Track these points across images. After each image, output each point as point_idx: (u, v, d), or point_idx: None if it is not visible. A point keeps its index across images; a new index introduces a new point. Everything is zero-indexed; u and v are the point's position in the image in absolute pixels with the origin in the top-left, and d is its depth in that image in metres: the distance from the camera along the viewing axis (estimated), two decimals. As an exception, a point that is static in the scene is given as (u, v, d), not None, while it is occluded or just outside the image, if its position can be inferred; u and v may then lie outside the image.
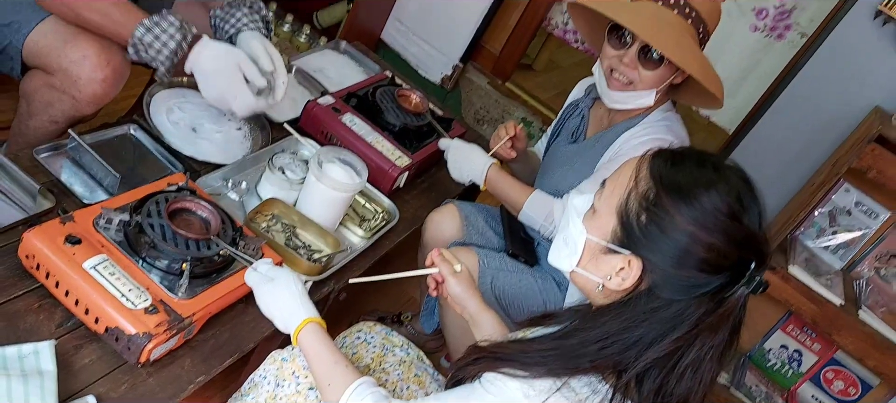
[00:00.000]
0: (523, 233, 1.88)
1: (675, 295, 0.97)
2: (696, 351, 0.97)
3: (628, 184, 1.03)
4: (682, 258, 0.97)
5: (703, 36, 1.60)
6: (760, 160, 2.65)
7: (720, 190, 0.97)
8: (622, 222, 1.02)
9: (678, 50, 1.52)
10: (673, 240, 0.97)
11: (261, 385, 1.26)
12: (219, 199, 1.51)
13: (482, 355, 1.07)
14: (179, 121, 1.69)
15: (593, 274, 1.06)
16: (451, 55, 3.20)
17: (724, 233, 0.96)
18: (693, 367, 0.97)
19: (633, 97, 1.64)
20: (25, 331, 1.14)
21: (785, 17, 3.02)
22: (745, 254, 0.98)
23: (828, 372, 2.53)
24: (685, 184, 0.98)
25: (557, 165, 1.82)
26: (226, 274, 1.31)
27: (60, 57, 1.49)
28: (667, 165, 1.01)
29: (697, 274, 0.97)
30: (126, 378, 1.15)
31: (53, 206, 1.33)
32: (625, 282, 1.01)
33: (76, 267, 1.15)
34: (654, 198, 0.99)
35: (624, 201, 1.02)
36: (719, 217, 0.96)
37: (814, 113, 2.53)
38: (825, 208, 2.46)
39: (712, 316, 0.97)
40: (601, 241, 1.04)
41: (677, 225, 0.97)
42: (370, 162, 1.76)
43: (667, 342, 0.96)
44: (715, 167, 1.00)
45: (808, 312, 2.28)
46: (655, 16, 1.55)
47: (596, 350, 0.98)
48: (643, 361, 0.96)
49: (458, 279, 1.35)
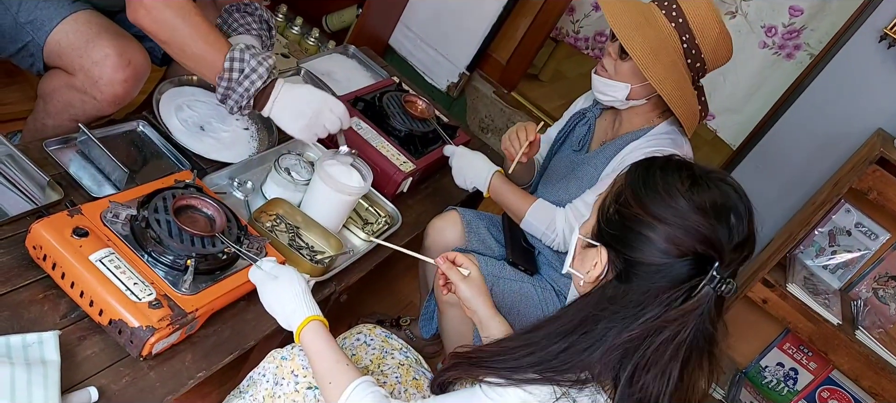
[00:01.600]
0: (524, 242, 1.89)
1: (639, 282, 1.02)
2: (660, 342, 0.98)
3: (611, 187, 1.11)
4: (638, 241, 1.02)
5: (690, 48, 1.61)
6: (762, 178, 2.66)
7: (682, 177, 1.03)
8: (599, 218, 1.10)
9: (640, 48, 1.56)
10: (629, 226, 1.04)
11: (260, 383, 1.28)
12: (225, 198, 1.53)
13: (459, 360, 1.12)
14: (188, 119, 1.71)
15: (579, 271, 1.12)
16: (458, 62, 3.22)
17: (676, 214, 1.00)
18: (656, 359, 0.98)
19: (609, 86, 1.70)
20: (30, 321, 1.15)
21: (794, 36, 3.03)
22: (704, 248, 1.00)
23: (823, 392, 2.54)
24: (649, 177, 1.05)
25: (562, 174, 1.84)
26: (229, 272, 1.32)
27: (82, 57, 1.51)
28: (640, 166, 1.09)
29: (654, 257, 1.01)
30: (127, 370, 1.17)
31: (61, 198, 1.35)
32: (597, 269, 1.07)
33: (82, 260, 1.17)
34: (621, 191, 1.07)
35: (603, 199, 1.11)
36: (670, 199, 1.01)
37: (817, 132, 2.55)
38: (825, 227, 2.47)
39: (674, 310, 0.99)
40: (583, 238, 1.12)
41: (633, 210, 1.03)
42: (375, 166, 1.78)
43: (632, 328, 0.98)
44: (687, 167, 1.06)
45: (806, 330, 2.29)
46: (637, 12, 1.61)
47: (563, 348, 1.01)
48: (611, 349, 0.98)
49: (468, 283, 1.38)
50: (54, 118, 1.57)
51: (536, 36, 3.23)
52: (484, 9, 3.09)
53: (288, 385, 1.25)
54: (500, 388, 1.00)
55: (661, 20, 1.61)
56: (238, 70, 1.44)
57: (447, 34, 3.18)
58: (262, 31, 1.73)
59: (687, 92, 1.62)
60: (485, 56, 3.27)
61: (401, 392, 1.37)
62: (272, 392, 1.26)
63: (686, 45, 1.61)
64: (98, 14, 1.58)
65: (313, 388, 1.24)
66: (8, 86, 2.18)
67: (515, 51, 3.28)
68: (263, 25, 1.75)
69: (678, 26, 1.60)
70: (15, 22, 1.52)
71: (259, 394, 1.26)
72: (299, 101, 1.51)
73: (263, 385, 1.27)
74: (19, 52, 1.56)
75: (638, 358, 0.98)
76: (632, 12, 1.61)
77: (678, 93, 1.59)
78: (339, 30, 3.20)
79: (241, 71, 1.44)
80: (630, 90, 1.67)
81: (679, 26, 1.60)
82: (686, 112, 1.61)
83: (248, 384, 1.30)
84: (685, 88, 1.62)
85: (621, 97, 1.69)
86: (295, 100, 1.50)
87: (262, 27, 1.74)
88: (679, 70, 1.61)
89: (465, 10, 3.11)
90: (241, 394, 1.30)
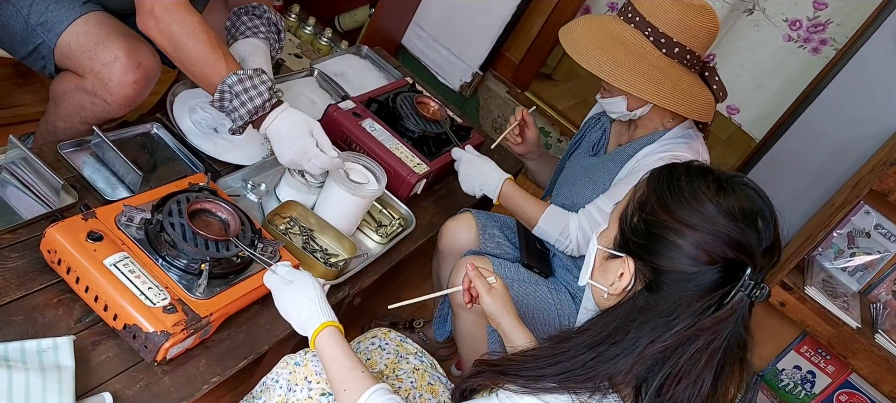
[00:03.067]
0: (539, 244, 1.88)
1: (669, 291, 0.99)
2: (692, 355, 0.96)
3: (632, 195, 1.09)
4: (666, 249, 1.00)
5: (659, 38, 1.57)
6: (781, 177, 2.63)
7: (708, 182, 1.02)
8: (621, 228, 1.08)
9: (602, 64, 1.56)
10: (657, 233, 1.01)
11: (273, 389, 1.27)
12: (238, 200, 1.52)
13: (483, 368, 1.10)
14: (201, 121, 1.70)
15: (601, 283, 1.10)
16: (471, 62, 3.20)
17: (711, 233, 0.98)
18: (689, 368, 0.96)
19: (610, 103, 1.69)
20: (45, 325, 1.15)
21: (820, 30, 2.99)
22: (739, 254, 0.98)
23: (841, 395, 2.51)
24: (674, 185, 1.03)
25: (576, 178, 1.82)
26: (243, 276, 1.32)
27: (92, 59, 1.50)
28: (664, 173, 1.07)
29: (683, 264, 0.99)
30: (142, 375, 1.16)
31: (76, 202, 1.34)
32: (622, 282, 1.05)
33: (97, 264, 1.16)
34: (645, 198, 1.05)
35: (624, 209, 1.09)
36: (698, 205, 1.00)
37: (836, 133, 2.52)
38: (844, 229, 2.44)
39: (707, 317, 0.97)
40: (605, 249, 1.10)
41: (660, 217, 1.01)
42: (389, 168, 1.77)
43: (659, 342, 0.96)
44: (713, 173, 1.04)
45: (824, 333, 2.26)
46: (596, 29, 1.60)
47: (591, 358, 0.99)
48: (641, 365, 0.96)
49: (493, 296, 1.37)
50: (65, 120, 1.57)
51: (550, 35, 3.21)
52: (497, 8, 3.07)
53: (301, 391, 1.24)
54: (518, 397, 0.99)
55: (618, 27, 1.60)
56: (228, 99, 1.47)
57: (460, 34, 3.17)
58: (270, 33, 1.72)
59: (681, 85, 1.57)
60: (498, 55, 3.25)
61: (416, 397, 1.36)
62: (285, 399, 1.25)
63: (652, 39, 1.57)
64: (109, 16, 1.57)
65: (327, 395, 1.24)
66: (22, 88, 2.19)
67: (529, 50, 3.26)
68: (271, 28, 1.73)
69: (636, 24, 1.58)
70: (26, 24, 1.52)
71: (272, 400, 1.26)
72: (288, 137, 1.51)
73: (276, 391, 1.26)
74: (31, 54, 1.56)
75: (669, 368, 0.96)
76: (589, 32, 1.61)
77: (667, 91, 1.55)
78: (351, 30, 3.19)
79: (230, 100, 1.47)
80: (627, 102, 1.65)
81: (637, 23, 1.58)
82: (690, 106, 1.57)
83: (261, 390, 1.30)
84: (676, 83, 1.57)
85: (623, 110, 1.67)
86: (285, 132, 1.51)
87: (270, 30, 1.73)
88: (661, 68, 1.57)
89: (478, 9, 3.09)
90: (254, 400, 1.29)
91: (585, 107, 2.00)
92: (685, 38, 1.57)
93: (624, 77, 1.55)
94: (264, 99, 1.48)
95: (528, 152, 2.00)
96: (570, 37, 1.62)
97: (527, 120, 1.94)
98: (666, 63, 1.58)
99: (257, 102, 1.47)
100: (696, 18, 1.56)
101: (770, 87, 3.48)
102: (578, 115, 3.32)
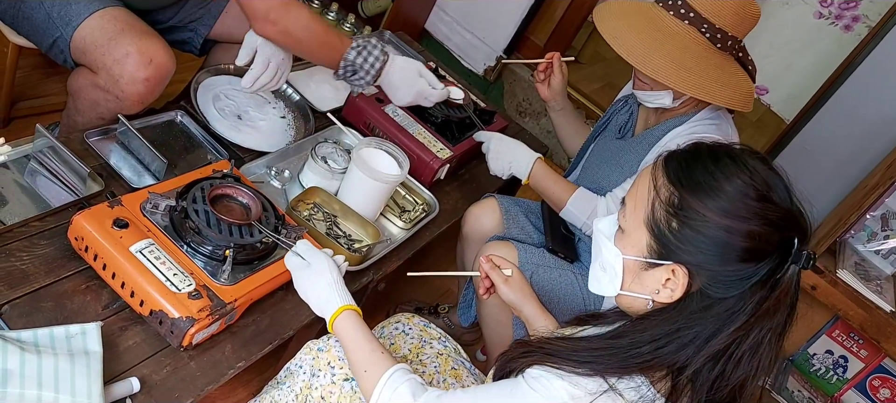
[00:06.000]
0: (564, 229, 1.86)
1: (728, 292, 0.96)
2: (754, 337, 0.96)
3: (649, 195, 1.01)
4: (725, 253, 0.95)
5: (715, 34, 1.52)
6: (812, 159, 2.59)
7: (742, 175, 0.95)
8: (654, 233, 1.00)
9: (664, 69, 1.49)
10: (710, 238, 0.95)
11: (296, 375, 1.28)
12: (262, 187, 1.53)
13: (531, 349, 1.06)
14: (225, 108, 1.71)
15: (639, 292, 1.03)
16: (495, 46, 3.18)
17: (759, 217, 0.94)
18: (751, 352, 0.96)
19: (653, 96, 1.64)
20: (73, 311, 1.17)
21: (852, 6, 2.91)
22: (786, 234, 0.96)
23: (874, 380, 2.46)
24: (704, 178, 0.96)
25: (603, 161, 1.80)
26: (267, 262, 1.32)
27: (104, 54, 1.50)
28: (682, 166, 0.99)
29: (744, 265, 0.95)
30: (168, 361, 1.17)
31: (102, 190, 1.36)
32: (675, 293, 0.99)
33: (123, 251, 1.18)
34: (679, 201, 0.97)
35: (649, 212, 1.00)
36: (749, 202, 0.94)
37: (869, 112, 2.46)
38: (877, 211, 2.38)
39: (768, 302, 0.95)
40: (639, 258, 1.02)
41: (710, 221, 0.95)
42: (412, 153, 1.76)
43: (723, 335, 0.95)
44: (730, 155, 0.98)
45: (856, 317, 2.22)
46: (645, 26, 1.54)
47: (650, 351, 0.97)
48: (702, 356, 0.95)
49: (511, 286, 1.35)
50: (83, 115, 1.58)
51: (575, 17, 3.17)
52: (521, -9, 3.04)
53: (324, 376, 1.24)
54: (546, 380, 0.98)
55: (672, 23, 1.53)
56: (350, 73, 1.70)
57: (484, 17, 3.14)
58: None
59: (727, 75, 1.53)
60: (523, 38, 3.22)
61: (440, 381, 1.36)
62: (309, 384, 1.25)
63: (708, 35, 1.52)
64: (126, 12, 1.56)
65: (350, 380, 1.24)
66: (50, 77, 2.22)
67: (553, 33, 3.22)
68: None
69: (692, 21, 1.52)
70: (48, 16, 1.53)
71: (296, 386, 1.26)
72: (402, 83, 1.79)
73: (300, 376, 1.27)
74: (51, 47, 1.57)
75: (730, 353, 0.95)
76: (640, 31, 1.54)
77: (716, 86, 1.51)
78: (374, 15, 3.19)
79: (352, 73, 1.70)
80: (673, 94, 1.61)
81: (693, 20, 1.52)
82: (733, 98, 1.52)
83: (286, 375, 1.30)
84: (724, 75, 1.53)
85: (668, 103, 1.63)
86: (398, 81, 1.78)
87: None
88: (712, 62, 1.52)
89: (501, -8, 3.07)
90: (278, 385, 1.30)
91: (612, 89, 1.97)
92: (738, 30, 1.54)
93: (696, 84, 1.49)
94: (380, 62, 1.71)
95: (551, 99, 1.97)
96: (623, 40, 1.54)
97: (555, 64, 1.92)
98: (723, 59, 1.54)
99: (377, 66, 1.70)
100: (747, 8, 1.53)
101: (800, 67, 3.41)
102: (605, 98, 3.28)
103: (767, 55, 3.51)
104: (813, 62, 3.31)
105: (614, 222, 1.07)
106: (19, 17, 1.59)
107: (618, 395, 0.94)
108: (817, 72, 3.00)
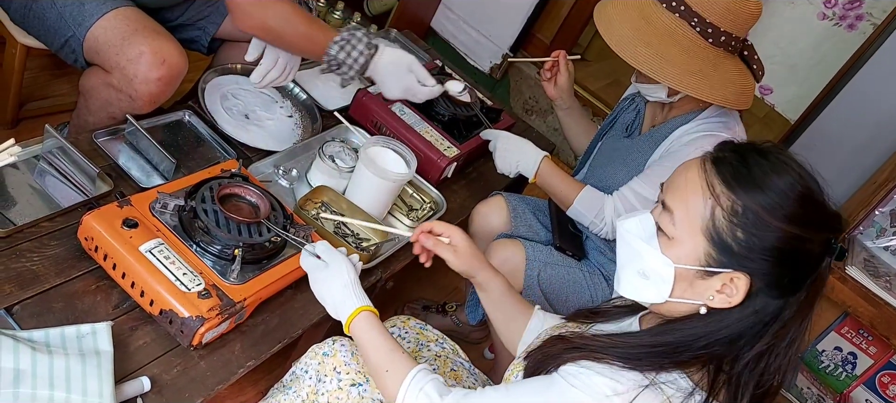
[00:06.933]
0: (571, 227, 1.86)
1: (783, 295, 0.97)
2: (791, 334, 0.97)
3: (706, 202, 0.97)
4: (787, 259, 0.96)
5: (705, 28, 1.51)
6: (820, 155, 2.56)
7: (799, 182, 0.96)
8: (715, 242, 0.97)
9: (647, 60, 1.49)
10: (775, 247, 0.95)
11: (302, 379, 1.27)
12: (269, 186, 1.53)
13: (574, 345, 1.04)
14: (233, 108, 1.71)
15: (691, 299, 1.01)
16: (501, 44, 3.17)
17: (817, 223, 0.96)
18: (790, 345, 0.98)
19: (649, 89, 1.65)
20: (83, 311, 1.17)
21: (856, 5, 2.90)
22: (831, 234, 0.98)
23: (883, 376, 2.46)
24: (765, 185, 0.95)
25: (610, 160, 1.79)
26: (276, 261, 1.32)
27: (118, 54, 1.50)
28: (738, 171, 0.97)
29: (801, 268, 0.96)
30: (178, 360, 1.18)
31: (111, 190, 1.36)
32: (733, 298, 0.97)
33: (133, 250, 1.18)
34: (744, 210, 0.95)
35: (709, 221, 0.97)
36: (808, 208, 0.95)
37: (878, 108, 2.45)
38: (886, 207, 2.37)
39: (808, 298, 0.97)
40: (696, 267, 0.99)
41: (776, 230, 0.94)
42: (419, 152, 1.77)
43: (769, 335, 0.97)
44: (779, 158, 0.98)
45: (866, 314, 2.21)
46: (637, 18, 1.54)
47: (698, 348, 0.98)
48: (750, 354, 0.97)
49: (458, 255, 1.31)
50: (95, 115, 1.58)
51: (581, 14, 3.16)
52: (527, -12, 3.04)
53: (331, 382, 1.24)
54: (586, 376, 0.97)
55: (663, 17, 1.52)
56: (334, 66, 1.62)
57: (490, 15, 3.14)
58: None
59: (720, 72, 1.52)
60: (529, 36, 3.22)
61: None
62: (315, 390, 1.25)
63: (699, 29, 1.51)
64: (138, 11, 1.57)
65: (356, 385, 1.24)
66: (58, 78, 2.23)
67: (560, 30, 3.22)
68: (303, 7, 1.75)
69: (682, 14, 1.51)
70: (60, 16, 1.53)
71: (302, 390, 1.26)
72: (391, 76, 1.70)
73: (306, 381, 1.26)
74: (63, 46, 1.57)
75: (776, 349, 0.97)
76: (630, 20, 1.54)
77: (707, 84, 1.49)
78: (380, 13, 3.18)
79: (336, 66, 1.63)
80: (667, 89, 1.61)
81: (683, 13, 1.51)
82: (728, 96, 1.51)
83: (292, 379, 1.30)
84: (717, 73, 1.51)
85: (662, 95, 1.63)
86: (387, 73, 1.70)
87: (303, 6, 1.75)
88: (700, 56, 1.51)
89: (507, -11, 3.06)
90: (284, 389, 1.29)
91: (618, 87, 1.97)
92: (732, 25, 1.52)
93: (676, 76, 1.48)
94: (365, 56, 1.63)
95: (557, 97, 1.96)
96: (612, 29, 1.55)
97: (561, 63, 1.92)
98: (714, 54, 1.53)
99: (361, 61, 1.62)
100: (742, 3, 1.51)
101: (804, 67, 3.39)
102: (611, 95, 3.28)
103: (772, 55, 3.50)
104: (817, 62, 3.29)
105: (647, 224, 1.03)
106: (30, 16, 1.59)
107: (658, 389, 0.94)
108: (821, 72, 2.99)
